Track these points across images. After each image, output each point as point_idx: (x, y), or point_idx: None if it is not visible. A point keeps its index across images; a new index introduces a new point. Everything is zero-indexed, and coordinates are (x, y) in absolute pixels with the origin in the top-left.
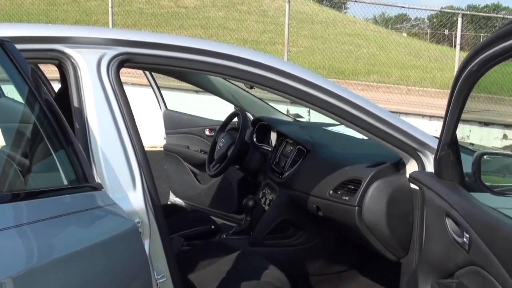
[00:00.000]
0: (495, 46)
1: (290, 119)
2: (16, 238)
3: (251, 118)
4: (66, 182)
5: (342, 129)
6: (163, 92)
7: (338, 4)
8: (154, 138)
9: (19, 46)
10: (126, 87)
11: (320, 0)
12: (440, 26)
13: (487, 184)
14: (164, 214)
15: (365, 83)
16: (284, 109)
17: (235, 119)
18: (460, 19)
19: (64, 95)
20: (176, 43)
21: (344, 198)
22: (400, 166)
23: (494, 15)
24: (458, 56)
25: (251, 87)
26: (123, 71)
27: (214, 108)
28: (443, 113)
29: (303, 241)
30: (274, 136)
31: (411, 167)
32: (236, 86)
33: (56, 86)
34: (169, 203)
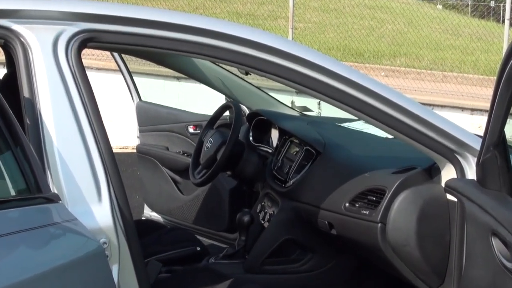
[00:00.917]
0: None
1: (295, 113)
2: None
3: (247, 111)
4: (13, 193)
5: (361, 125)
6: (136, 79)
7: None
8: (125, 137)
9: None
10: (89, 73)
11: None
12: None
13: None
14: (137, 232)
15: (389, 67)
16: (288, 100)
17: (227, 113)
18: None
19: (11, 83)
20: (152, 17)
21: (363, 212)
22: (433, 172)
23: None
24: (507, 34)
25: (247, 73)
26: (85, 52)
27: (200, 99)
28: (487, 105)
29: (312, 266)
30: (275, 135)
31: (448, 173)
32: (228, 71)
33: (1, 72)
34: (143, 218)
